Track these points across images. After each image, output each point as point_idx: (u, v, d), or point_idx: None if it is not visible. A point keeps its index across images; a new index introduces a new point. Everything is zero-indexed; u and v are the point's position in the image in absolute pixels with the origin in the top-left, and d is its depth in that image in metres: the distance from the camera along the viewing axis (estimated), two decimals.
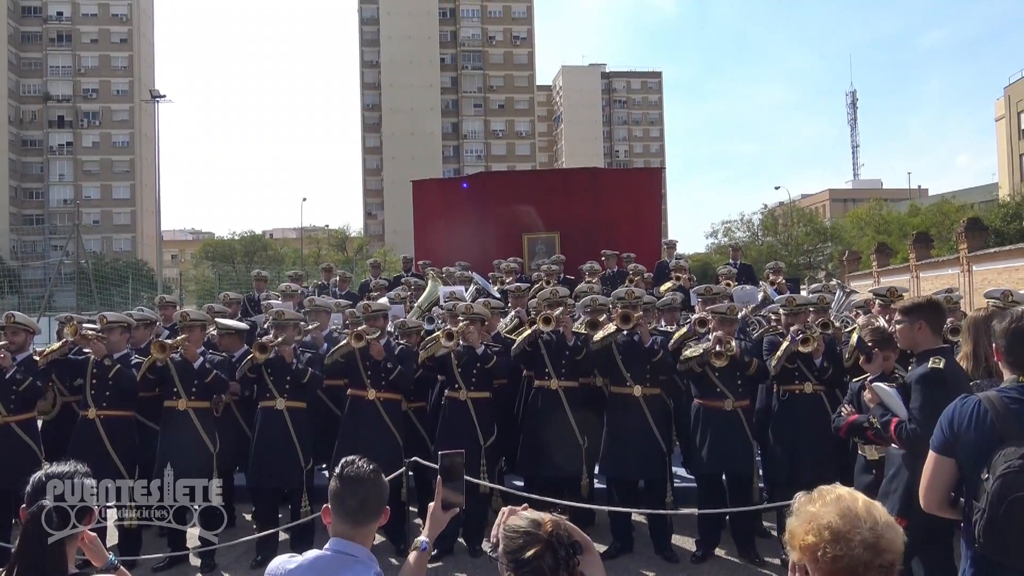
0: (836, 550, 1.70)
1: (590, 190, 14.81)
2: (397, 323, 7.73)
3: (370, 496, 2.47)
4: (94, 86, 75.78)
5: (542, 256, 13.81)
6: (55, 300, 31.91)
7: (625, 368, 6.79)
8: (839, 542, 1.70)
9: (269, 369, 6.70)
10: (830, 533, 1.71)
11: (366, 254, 58.90)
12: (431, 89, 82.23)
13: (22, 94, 75.11)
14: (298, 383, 6.70)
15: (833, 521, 1.72)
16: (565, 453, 6.84)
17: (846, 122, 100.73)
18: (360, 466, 2.49)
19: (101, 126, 75.45)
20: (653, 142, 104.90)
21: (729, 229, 54.92)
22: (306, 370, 6.70)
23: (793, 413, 6.47)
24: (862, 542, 1.69)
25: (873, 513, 1.74)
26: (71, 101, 75.42)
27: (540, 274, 11.58)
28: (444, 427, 6.92)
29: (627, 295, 7.08)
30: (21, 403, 6.60)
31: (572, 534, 2.10)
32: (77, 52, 75.60)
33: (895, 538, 1.72)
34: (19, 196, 74.00)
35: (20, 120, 74.82)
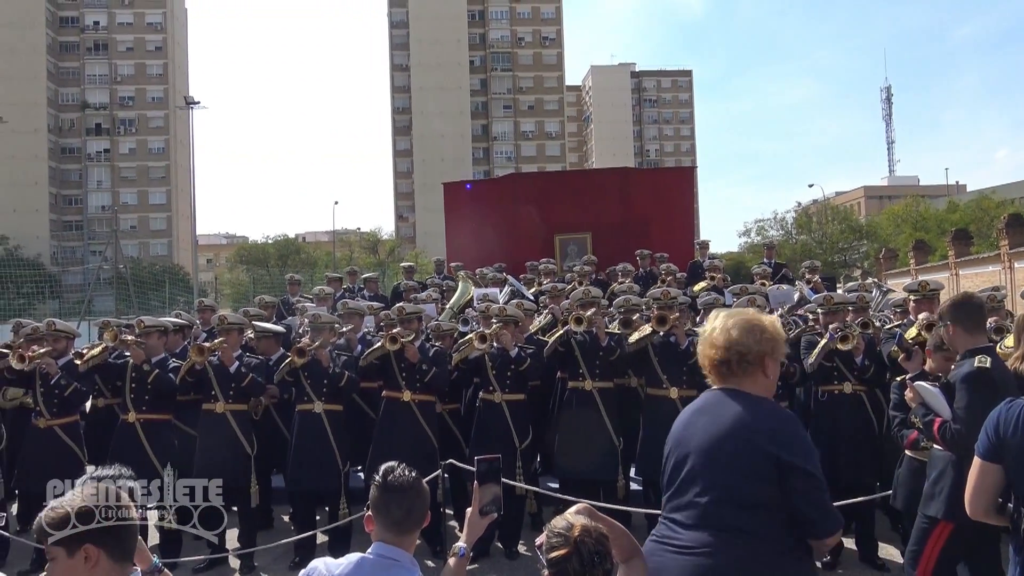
0: None
1: (622, 190, 14.78)
2: (431, 325, 7.75)
3: (415, 506, 2.47)
4: (130, 94, 77.00)
5: (574, 257, 13.79)
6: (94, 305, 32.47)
7: (661, 370, 6.74)
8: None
9: (306, 373, 6.74)
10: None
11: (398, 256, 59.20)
12: (460, 91, 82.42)
13: (61, 103, 76.53)
14: (335, 386, 6.74)
15: None
16: (600, 454, 6.80)
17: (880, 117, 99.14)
18: (403, 474, 2.48)
19: (137, 133, 76.63)
20: (684, 141, 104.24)
21: (762, 228, 54.39)
22: (343, 373, 6.72)
23: (832, 414, 6.38)
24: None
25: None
26: (108, 109, 76.69)
27: (572, 275, 11.55)
28: (479, 429, 6.91)
29: (663, 295, 7.03)
30: (64, 407, 6.75)
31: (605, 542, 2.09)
32: (113, 60, 76.85)
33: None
34: (59, 203, 75.40)
35: (59, 128, 76.24)
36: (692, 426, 2.71)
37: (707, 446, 2.61)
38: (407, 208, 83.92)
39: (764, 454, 2.51)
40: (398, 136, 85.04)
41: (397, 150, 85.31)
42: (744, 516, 2.51)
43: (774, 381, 2.74)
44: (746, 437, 2.55)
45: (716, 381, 2.74)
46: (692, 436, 2.68)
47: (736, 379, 2.68)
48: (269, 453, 7.25)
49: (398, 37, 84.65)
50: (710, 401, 2.73)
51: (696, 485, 2.59)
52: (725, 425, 2.60)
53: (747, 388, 2.67)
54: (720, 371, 2.70)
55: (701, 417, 2.70)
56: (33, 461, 6.67)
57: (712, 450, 2.59)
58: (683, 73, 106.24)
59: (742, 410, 2.61)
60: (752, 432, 2.56)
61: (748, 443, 2.54)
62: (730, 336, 2.66)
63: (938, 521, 4.16)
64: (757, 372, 2.67)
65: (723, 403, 2.67)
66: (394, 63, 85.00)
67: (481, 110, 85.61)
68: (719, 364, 2.69)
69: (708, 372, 2.75)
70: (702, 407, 2.74)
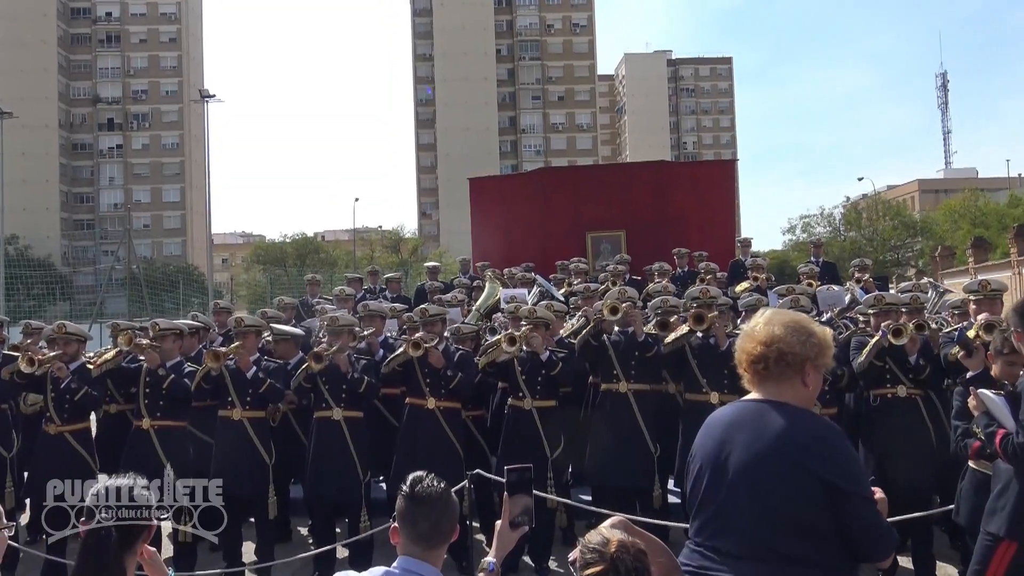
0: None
1: (658, 185, 14.72)
2: (452, 328, 7.76)
3: (443, 519, 2.46)
4: (143, 87, 78.09)
5: (607, 256, 13.75)
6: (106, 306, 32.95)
7: (700, 374, 6.70)
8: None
9: (324, 378, 6.77)
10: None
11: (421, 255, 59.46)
12: (487, 82, 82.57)
13: (72, 97, 77.80)
14: (355, 392, 6.76)
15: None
16: (636, 462, 6.76)
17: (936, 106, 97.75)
18: (430, 485, 2.48)
19: (151, 128, 77.69)
20: (724, 132, 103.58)
21: (808, 224, 53.88)
22: (362, 379, 6.75)
23: (885, 420, 6.29)
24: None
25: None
26: (120, 103, 77.84)
27: (605, 275, 11.52)
28: (508, 438, 6.90)
29: (702, 294, 6.99)
30: (75, 412, 6.83)
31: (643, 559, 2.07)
32: (126, 53, 78.00)
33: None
34: (70, 201, 76.62)
35: (70, 124, 77.51)
36: (729, 442, 2.61)
37: (749, 466, 2.53)
38: (431, 205, 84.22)
39: (813, 477, 2.44)
40: (421, 129, 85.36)
41: (420, 144, 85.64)
42: (797, 544, 2.44)
43: (814, 394, 2.66)
44: (792, 457, 2.48)
45: (751, 383, 2.67)
46: (729, 453, 2.59)
47: (773, 383, 2.61)
48: (287, 462, 7.29)
49: (421, 25, 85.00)
50: (748, 414, 2.64)
51: (738, 509, 2.52)
52: (767, 443, 2.52)
53: (785, 397, 2.60)
54: (756, 370, 2.63)
55: (739, 432, 2.61)
56: (43, 469, 6.74)
57: (755, 471, 2.51)
58: (722, 60, 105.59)
59: (785, 426, 2.53)
60: (799, 451, 2.48)
61: (795, 464, 2.47)
62: (772, 332, 2.60)
63: (1001, 539, 4.08)
64: (796, 379, 2.60)
65: (763, 417, 2.58)
66: (417, 53, 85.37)
67: (508, 101, 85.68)
68: (755, 361, 2.62)
69: (743, 370, 2.68)
70: (739, 420, 2.65)
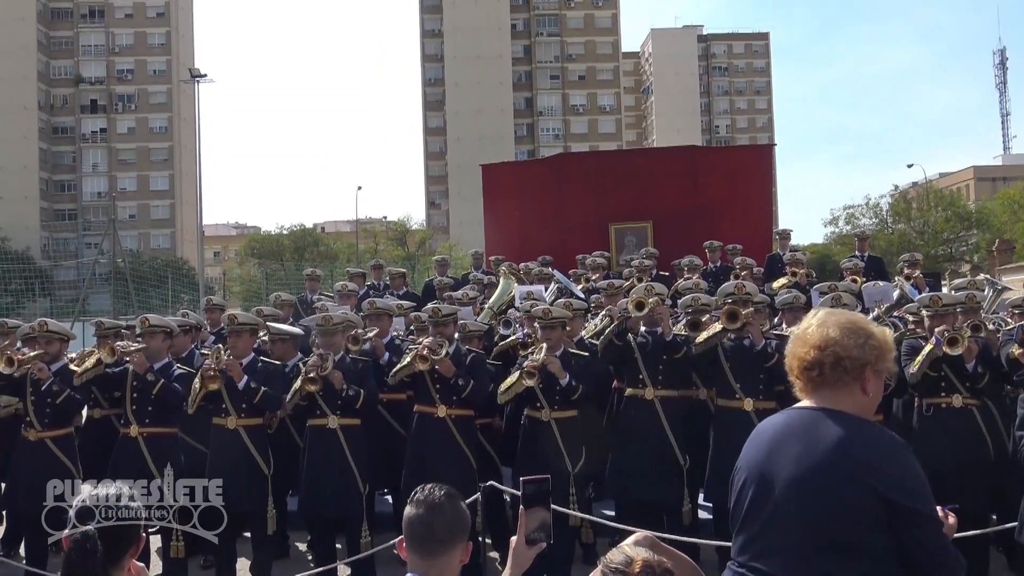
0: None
1: (687, 172, 14.72)
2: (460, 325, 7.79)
3: (437, 522, 2.48)
4: (129, 66, 78.42)
5: (632, 249, 13.76)
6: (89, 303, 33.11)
7: (734, 377, 6.69)
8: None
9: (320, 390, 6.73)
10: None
11: (429, 249, 59.49)
12: (501, 60, 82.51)
13: (52, 77, 78.21)
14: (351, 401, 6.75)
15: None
16: (663, 475, 6.76)
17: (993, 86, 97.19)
18: (430, 491, 2.54)
19: (137, 110, 77.98)
20: (760, 115, 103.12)
21: (852, 215, 53.58)
22: (358, 395, 6.69)
23: (938, 432, 6.26)
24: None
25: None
26: (104, 83, 78.22)
27: (630, 270, 11.50)
28: (525, 451, 6.89)
29: (736, 290, 6.96)
30: (57, 417, 6.86)
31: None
32: (110, 29, 78.35)
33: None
34: (50, 189, 77.05)
35: (50, 106, 77.91)
36: (778, 452, 2.60)
37: (799, 479, 2.51)
38: (440, 194, 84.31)
39: (872, 494, 2.42)
40: (429, 112, 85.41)
41: (428, 128, 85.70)
42: (849, 566, 2.43)
43: (874, 402, 2.63)
44: (848, 471, 2.45)
45: (803, 391, 2.65)
46: (778, 465, 2.57)
47: (828, 390, 2.59)
48: (285, 472, 7.28)
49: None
50: (800, 422, 2.62)
51: (784, 527, 2.50)
52: (822, 455, 2.50)
53: (842, 406, 2.57)
54: (809, 376, 2.61)
55: (789, 442, 2.59)
56: (22, 478, 6.81)
57: (806, 485, 2.49)
58: (759, 36, 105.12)
59: (842, 437, 2.50)
60: (856, 465, 2.45)
61: (851, 479, 2.44)
62: (827, 334, 2.58)
63: None
64: (854, 385, 2.57)
65: (817, 426, 2.56)
66: (424, 28, 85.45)
67: (524, 81, 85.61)
68: (809, 367, 2.60)
69: (795, 377, 2.66)
70: (789, 429, 2.63)
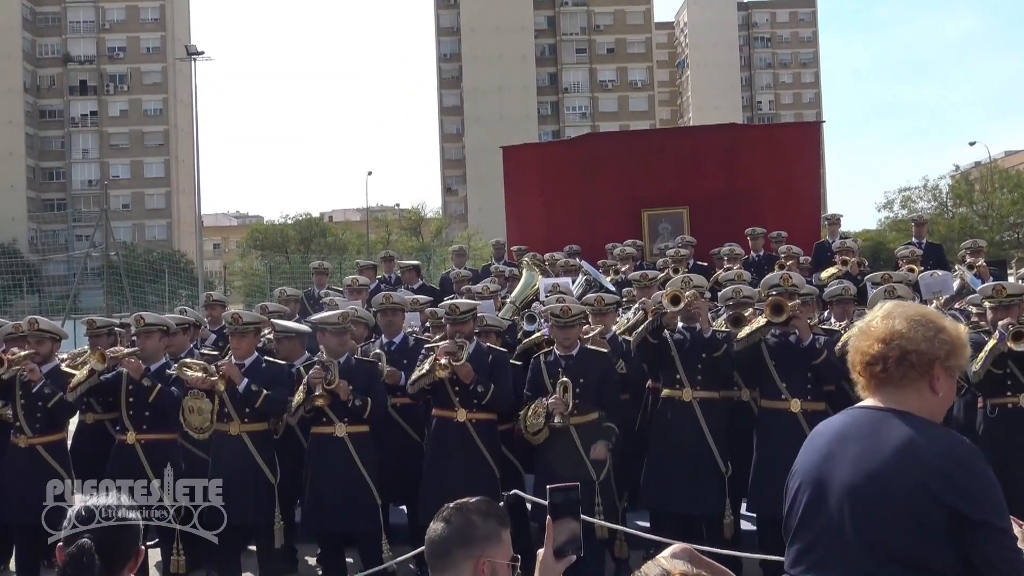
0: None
1: (727, 152, 14.69)
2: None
3: (437, 534, 2.50)
4: (120, 43, 78.91)
5: (667, 238, 13.75)
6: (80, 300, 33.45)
7: (779, 377, 6.67)
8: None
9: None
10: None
11: (446, 239, 59.60)
12: (523, 32, 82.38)
13: (38, 56, 78.84)
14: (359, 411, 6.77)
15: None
16: (702, 483, 6.77)
17: None
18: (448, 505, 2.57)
19: (129, 91, 78.49)
20: (806, 89, 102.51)
21: (908, 199, 53.19)
22: (365, 405, 6.70)
23: (1004, 435, 6.25)
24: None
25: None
26: (95, 62, 78.78)
27: (665, 260, 11.48)
28: (544, 457, 6.87)
29: (782, 281, 6.94)
30: (49, 422, 6.95)
31: None
32: (100, 4, 78.80)
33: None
34: (37, 177, 77.73)
35: (37, 87, 78.55)
36: (836, 455, 2.58)
37: (859, 485, 2.49)
38: (456, 179, 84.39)
39: (939, 503, 2.40)
40: (445, 90, 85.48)
41: (444, 107, 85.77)
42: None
43: (944, 402, 2.60)
44: (913, 477, 2.43)
45: (866, 389, 2.63)
46: (835, 469, 2.56)
47: (893, 388, 2.57)
48: (293, 481, 7.31)
49: None
50: (861, 423, 2.60)
51: (842, 536, 2.49)
52: (885, 459, 2.48)
53: (908, 406, 2.55)
54: (872, 372, 2.59)
55: (848, 444, 2.57)
56: (11, 487, 6.90)
57: (866, 491, 2.48)
58: (804, 3, 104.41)
59: (908, 439, 2.48)
60: (921, 471, 2.43)
61: (918, 487, 2.42)
62: (893, 327, 2.56)
63: None
64: (922, 384, 2.55)
65: (881, 427, 2.54)
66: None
67: (548, 55, 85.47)
68: (872, 363, 2.58)
69: (858, 374, 2.65)
70: (849, 431, 2.62)
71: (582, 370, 6.75)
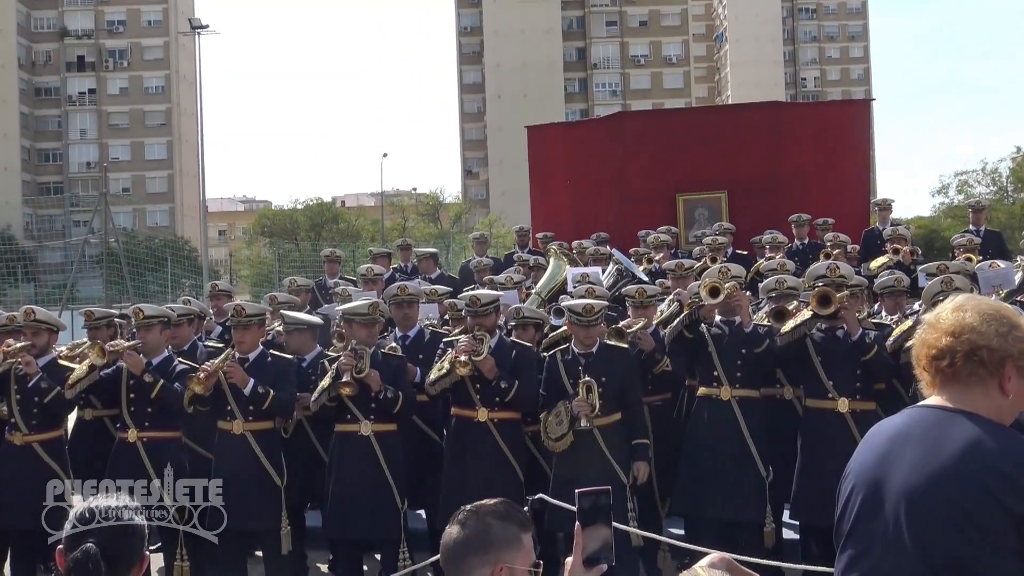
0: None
1: (770, 133, 14.61)
2: (510, 311, 7.80)
3: (460, 534, 2.50)
4: (120, 16, 79.21)
5: (704, 224, 13.70)
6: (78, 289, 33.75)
7: (826, 374, 6.65)
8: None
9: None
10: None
11: (466, 225, 59.65)
12: (548, 3, 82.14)
13: (33, 30, 79.29)
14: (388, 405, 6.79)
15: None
16: (741, 489, 6.76)
17: None
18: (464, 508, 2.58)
19: (130, 67, 78.78)
20: (855, 64, 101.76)
21: (965, 183, 52.92)
22: (396, 397, 6.74)
23: None
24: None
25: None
26: (93, 37, 79.16)
27: (702, 248, 11.45)
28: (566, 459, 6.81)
29: (830, 272, 6.90)
30: (46, 418, 7.00)
31: None
32: None
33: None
34: (32, 159, 78.23)
35: (32, 64, 79.01)
36: (894, 457, 2.56)
37: (918, 489, 2.47)
38: (478, 161, 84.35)
39: (1006, 511, 2.36)
40: (465, 66, 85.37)
41: (464, 84, 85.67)
42: None
43: (1016, 405, 2.55)
44: (980, 483, 2.39)
45: (930, 386, 2.61)
46: (892, 471, 2.53)
47: (960, 386, 2.53)
48: (302, 483, 7.39)
49: None
50: (923, 423, 2.57)
51: (898, 543, 2.47)
52: (946, 462, 2.44)
53: (975, 406, 2.51)
54: (938, 367, 2.56)
55: (908, 445, 2.55)
56: (7, 488, 6.96)
57: (925, 496, 2.45)
58: None
59: (974, 441, 2.44)
60: (988, 476, 2.39)
61: (983, 493, 2.38)
62: (963, 320, 2.52)
63: None
64: (990, 382, 2.50)
65: (944, 428, 2.51)
66: None
67: (576, 28, 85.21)
68: (938, 357, 2.55)
69: (923, 370, 2.62)
70: (909, 431, 2.59)
71: (603, 368, 6.72)
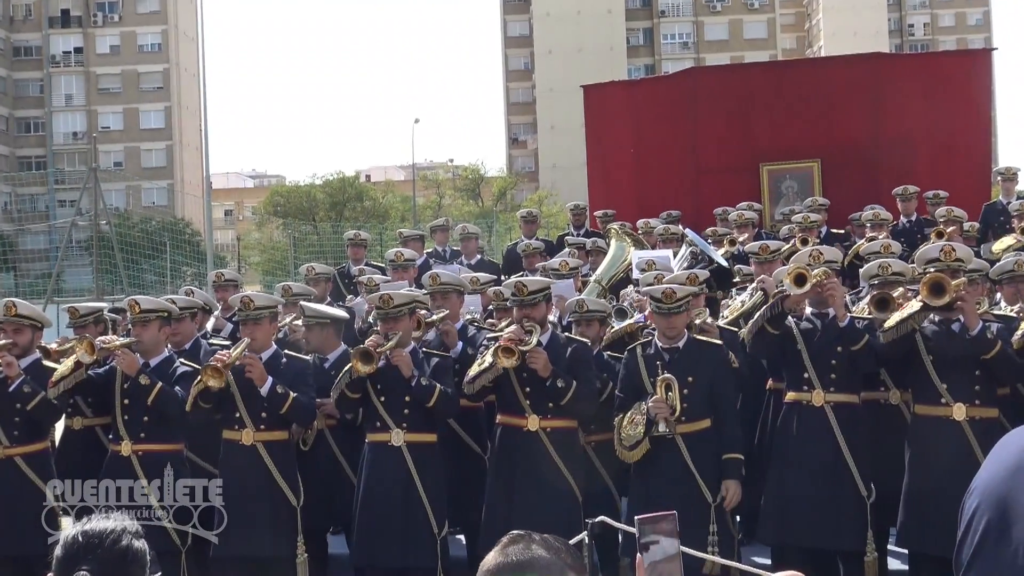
0: None
1: (870, 91, 14.53)
2: (569, 304, 7.78)
3: (501, 565, 2.49)
4: None
5: (793, 199, 13.62)
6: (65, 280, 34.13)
7: (939, 376, 6.58)
8: None
9: (379, 386, 6.83)
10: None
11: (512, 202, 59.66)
12: None
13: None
14: (423, 407, 6.79)
15: None
16: (838, 510, 6.72)
17: None
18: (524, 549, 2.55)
19: (121, 22, 79.38)
20: (972, 9, 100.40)
21: None
22: (432, 387, 6.74)
23: None
24: None
25: None
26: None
27: (791, 228, 11.38)
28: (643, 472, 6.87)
29: (944, 255, 6.82)
30: (29, 428, 7.08)
31: None
32: None
33: None
34: (11, 130, 79.07)
35: (10, 19, 79.86)
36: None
37: None
38: (525, 128, 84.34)
39: None
40: (510, 15, 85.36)
41: (508, 38, 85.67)
42: None
43: None
44: None
45: None
46: (1022, 488, 2.49)
47: None
48: (322, 503, 7.42)
49: None
50: None
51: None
52: None
53: None
54: None
55: None
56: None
57: None
58: None
59: None
60: None
61: None
62: None
63: None
64: None
65: None
66: None
67: None
68: None
69: None
70: None
71: (691, 366, 6.73)
